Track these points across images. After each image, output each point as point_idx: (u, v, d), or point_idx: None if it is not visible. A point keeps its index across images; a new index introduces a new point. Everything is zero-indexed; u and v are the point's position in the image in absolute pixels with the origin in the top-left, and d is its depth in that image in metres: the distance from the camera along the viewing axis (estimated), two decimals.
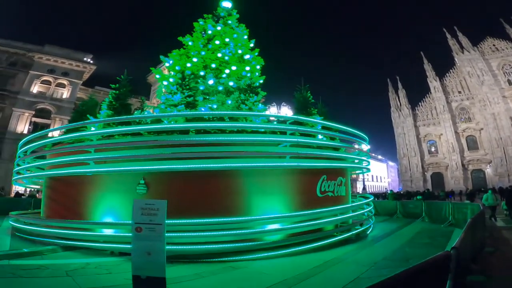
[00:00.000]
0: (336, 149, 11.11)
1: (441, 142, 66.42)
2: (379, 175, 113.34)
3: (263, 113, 10.19)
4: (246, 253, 7.64)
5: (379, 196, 26.19)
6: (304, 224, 8.67)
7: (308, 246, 8.32)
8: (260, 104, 10.48)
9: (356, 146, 12.58)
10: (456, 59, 65.40)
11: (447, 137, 64.38)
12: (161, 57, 14.81)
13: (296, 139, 8.77)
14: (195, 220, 7.68)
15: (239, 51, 14.74)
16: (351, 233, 9.68)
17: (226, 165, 8.01)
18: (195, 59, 13.89)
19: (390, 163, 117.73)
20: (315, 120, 10.38)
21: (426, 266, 2.20)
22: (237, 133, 8.78)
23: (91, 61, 37.50)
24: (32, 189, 19.20)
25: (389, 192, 21.79)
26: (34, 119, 33.74)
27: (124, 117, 9.32)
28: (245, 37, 15.68)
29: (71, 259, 7.22)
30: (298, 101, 11.51)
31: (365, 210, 11.55)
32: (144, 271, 4.28)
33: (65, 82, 35.71)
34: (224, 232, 7.62)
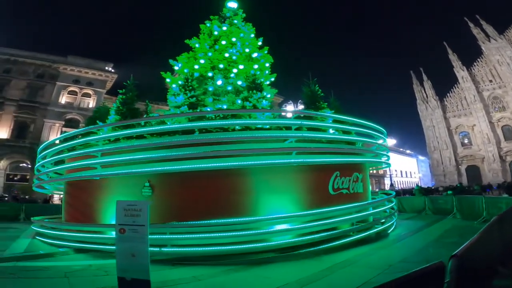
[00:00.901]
0: (350, 143, 10.37)
1: (474, 133, 61.99)
2: (408, 170, 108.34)
3: (268, 109, 9.68)
4: (252, 255, 7.28)
5: (406, 192, 24.53)
6: (315, 223, 8.10)
7: (320, 247, 7.80)
8: (264, 101, 10.01)
9: (373, 140, 11.74)
10: (483, 48, 61.12)
11: (480, 127, 59.94)
12: (170, 60, 14.85)
13: (301, 134, 8.23)
14: (194, 222, 7.43)
15: (247, 50, 14.53)
16: (369, 232, 8.98)
17: (223, 164, 7.67)
18: (202, 61, 13.83)
19: (421, 158, 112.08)
20: (324, 114, 9.74)
21: (416, 277, 1.68)
22: (240, 131, 8.41)
23: (113, 70, 38.86)
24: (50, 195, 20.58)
25: (415, 187, 20.24)
26: (64, 129, 35.45)
27: (127, 120, 9.26)
28: (252, 35, 15.44)
29: (78, 261, 7.27)
30: (306, 95, 10.93)
31: (385, 207, 10.72)
32: (129, 273, 4.20)
33: (90, 91, 37.25)
34: (227, 234, 7.29)
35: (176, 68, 14.27)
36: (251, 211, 8.14)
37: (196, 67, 13.79)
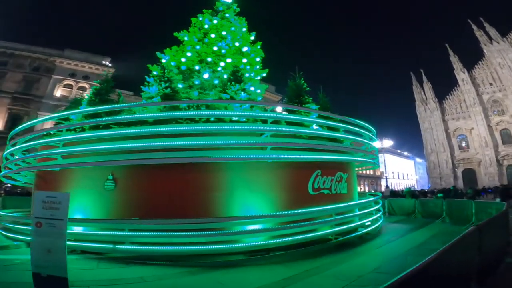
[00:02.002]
0: (334, 140, 9.62)
1: (472, 136, 61.12)
2: (405, 172, 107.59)
3: (243, 100, 8.96)
4: (220, 256, 6.65)
5: (397, 194, 23.64)
6: (290, 225, 7.39)
7: (295, 251, 7.11)
8: (243, 93, 9.30)
9: (360, 139, 11.02)
10: (485, 50, 60.14)
11: (479, 131, 59.08)
12: (157, 53, 14.28)
13: (275, 128, 7.50)
14: (154, 220, 6.78)
15: (236, 44, 13.87)
16: (350, 236, 8.27)
17: (186, 156, 6.99)
18: (189, 54, 13.19)
19: (418, 160, 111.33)
20: (305, 108, 9.02)
21: None
22: (209, 123, 7.73)
23: (110, 64, 38.16)
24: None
25: (405, 189, 19.40)
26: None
27: (91, 108, 8.58)
28: (244, 29, 14.79)
29: (23, 255, 6.47)
30: (291, 89, 10.22)
31: (370, 209, 10.02)
32: (45, 269, 3.84)
33: (86, 85, 36.56)
34: (191, 233, 6.59)
35: (163, 61, 13.68)
36: (222, 210, 7.48)
37: (183, 60, 13.19)
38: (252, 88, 12.31)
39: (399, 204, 17.19)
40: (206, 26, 14.08)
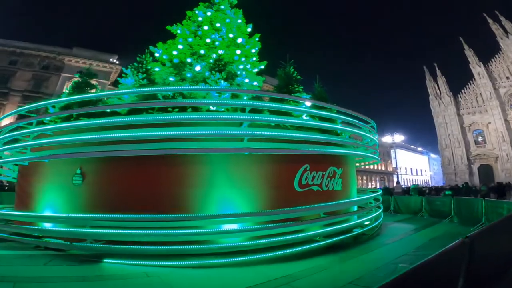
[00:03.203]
0: (327, 131, 8.65)
1: (489, 131, 58.06)
2: (419, 168, 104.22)
3: (220, 88, 8.17)
4: (190, 257, 5.93)
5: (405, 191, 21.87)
6: (268, 226, 6.59)
7: (275, 254, 6.30)
8: (222, 82, 8.55)
9: (359, 131, 10.05)
10: (501, 44, 56.93)
11: (495, 125, 56.01)
12: (151, 47, 13.76)
13: (250, 117, 6.68)
14: (121, 216, 6.13)
15: (230, 35, 13.17)
16: (338, 238, 7.37)
17: (147, 148, 6.28)
18: (180, 46, 12.61)
19: (433, 156, 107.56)
20: (290, 96, 8.15)
21: None
22: (184, 113, 7.00)
23: (117, 62, 38.08)
24: None
25: (411, 186, 18.04)
26: None
27: (58, 99, 8.03)
28: (239, 21, 14.06)
29: None
30: (280, 78, 9.35)
31: (360, 210, 9.11)
32: None
33: (94, 83, 36.54)
34: (157, 232, 5.95)
35: (156, 55, 13.19)
36: (196, 207, 6.74)
37: (175, 53, 12.63)
38: (247, 80, 11.61)
39: (405, 202, 16.01)
40: (200, 18, 13.52)
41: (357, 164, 14.82)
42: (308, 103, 8.94)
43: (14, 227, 7.37)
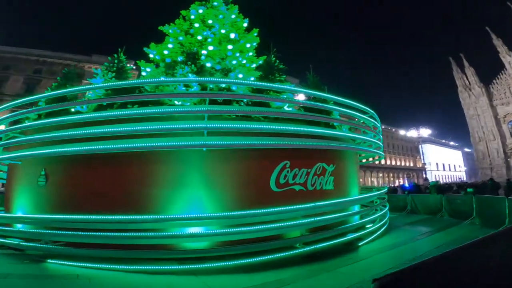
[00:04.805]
0: (317, 123, 7.48)
1: None
2: (452, 163, 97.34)
3: (187, 79, 7.36)
4: (144, 262, 5.28)
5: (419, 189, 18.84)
6: (236, 230, 5.69)
7: (241, 262, 5.44)
8: (190, 75, 7.81)
9: (359, 125, 8.81)
10: None
11: None
12: (145, 48, 13.47)
13: (205, 108, 5.79)
14: (67, 217, 5.71)
15: (223, 31, 12.47)
16: (321, 245, 6.26)
17: (96, 147, 5.64)
18: (170, 45, 12.14)
19: (467, 150, 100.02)
20: (265, 84, 7.15)
21: None
22: (139, 108, 6.32)
23: (134, 67, 38.74)
24: None
25: (431, 183, 15.98)
26: None
27: (28, 98, 7.66)
28: (233, 16, 13.29)
29: None
30: (262, 68, 8.45)
31: (353, 212, 7.92)
32: None
33: None
34: (111, 234, 5.39)
35: (151, 56, 12.82)
36: (160, 209, 6.04)
37: (166, 52, 12.16)
38: (240, 75, 10.82)
39: (423, 201, 14.24)
40: (192, 17, 13.01)
41: (365, 160, 13.50)
42: (300, 96, 7.91)
43: None
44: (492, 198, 9.26)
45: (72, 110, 7.49)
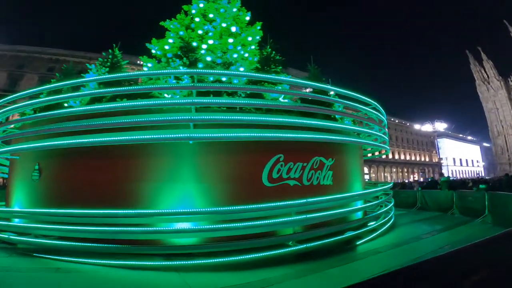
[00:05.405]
0: (313, 115, 7.07)
1: None
2: (470, 158, 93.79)
3: (172, 71, 7.12)
4: (135, 257, 5.12)
5: (431, 184, 17.39)
6: (229, 226, 5.45)
7: (233, 259, 5.22)
8: (181, 67, 7.63)
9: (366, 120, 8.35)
10: None
11: None
12: (147, 44, 13.42)
13: (190, 100, 5.51)
14: (52, 211, 5.72)
15: (223, 25, 12.22)
16: (318, 243, 5.92)
17: (81, 140, 5.44)
18: (170, 40, 12.02)
19: (486, 145, 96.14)
20: (257, 75, 6.80)
21: None
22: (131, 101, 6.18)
23: (128, 61, 38.92)
24: None
25: (442, 179, 15.14)
26: None
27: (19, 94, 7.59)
28: (235, 9, 12.99)
29: None
30: (259, 59, 8.14)
31: (352, 209, 7.51)
32: None
33: None
34: (96, 228, 5.27)
35: (153, 51, 12.75)
36: (148, 204, 5.89)
37: (167, 47, 12.05)
38: (242, 69, 10.57)
39: (433, 197, 13.55)
40: (193, 11, 12.82)
41: (370, 154, 12.95)
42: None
43: None
44: (505, 195, 8.57)
45: (65, 105, 7.40)
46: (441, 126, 50.27)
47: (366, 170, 58.10)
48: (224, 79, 7.17)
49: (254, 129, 5.83)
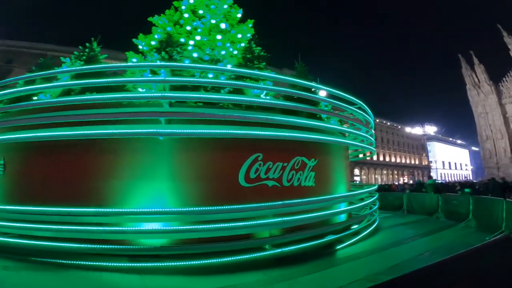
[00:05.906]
0: (293, 112, 6.76)
1: None
2: (459, 162, 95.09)
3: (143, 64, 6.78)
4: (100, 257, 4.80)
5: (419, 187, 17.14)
6: (199, 227, 5.13)
7: (203, 262, 4.92)
8: (159, 61, 7.36)
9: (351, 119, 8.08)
10: None
11: None
12: (134, 40, 13.01)
13: (160, 94, 5.17)
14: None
15: (213, 21, 11.89)
16: (295, 248, 5.63)
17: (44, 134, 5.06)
18: (157, 36, 11.64)
19: (474, 149, 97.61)
20: (243, 70, 6.49)
21: None
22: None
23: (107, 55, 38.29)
24: None
25: (427, 181, 15.04)
26: None
27: None
28: (226, 6, 12.66)
29: None
30: (243, 57, 7.84)
31: (332, 212, 7.24)
32: None
33: None
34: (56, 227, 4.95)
35: (140, 47, 12.33)
36: (117, 202, 5.52)
37: (153, 43, 11.66)
38: (229, 66, 10.24)
39: (419, 200, 13.42)
40: (183, 7, 12.47)
41: (361, 155, 12.74)
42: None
43: None
44: (488, 199, 8.44)
45: (34, 98, 6.98)
46: (431, 129, 50.50)
47: (357, 171, 58.22)
48: (210, 75, 6.83)
49: (229, 126, 5.52)
